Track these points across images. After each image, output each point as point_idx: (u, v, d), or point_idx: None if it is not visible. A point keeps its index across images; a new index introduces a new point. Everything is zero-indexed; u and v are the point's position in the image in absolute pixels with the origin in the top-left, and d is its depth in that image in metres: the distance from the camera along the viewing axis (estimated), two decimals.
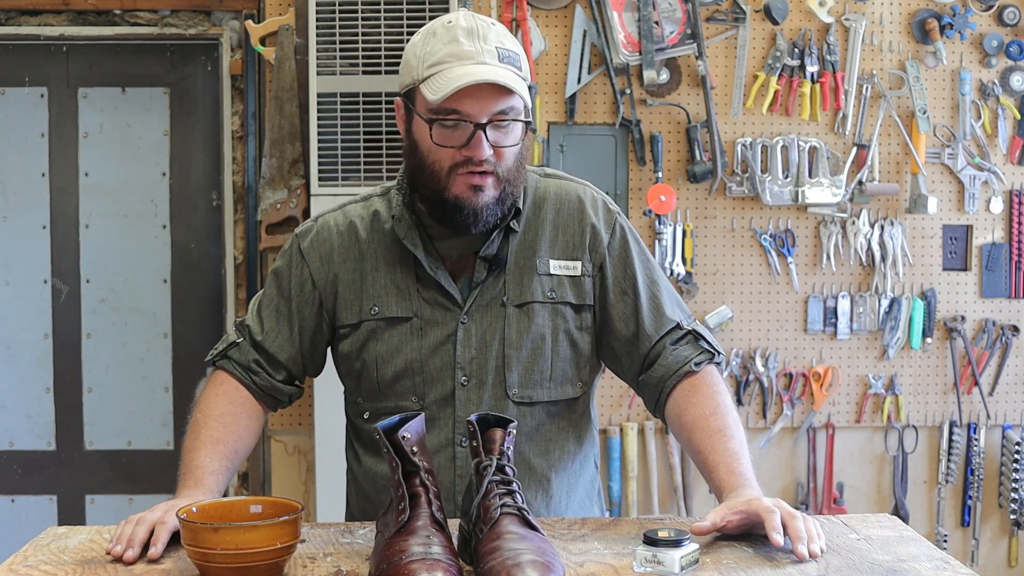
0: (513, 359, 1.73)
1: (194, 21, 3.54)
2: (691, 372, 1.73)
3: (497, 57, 1.63)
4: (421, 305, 1.74)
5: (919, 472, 3.64)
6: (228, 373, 1.79)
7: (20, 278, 3.69)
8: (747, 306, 3.55)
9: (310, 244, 1.81)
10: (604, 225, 1.79)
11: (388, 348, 1.75)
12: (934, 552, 1.48)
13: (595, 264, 1.78)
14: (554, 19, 3.46)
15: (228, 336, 1.82)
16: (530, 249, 1.76)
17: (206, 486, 1.62)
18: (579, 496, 1.84)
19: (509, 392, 1.74)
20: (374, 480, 1.80)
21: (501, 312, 1.73)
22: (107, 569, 1.43)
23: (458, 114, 1.63)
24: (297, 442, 3.54)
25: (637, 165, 3.49)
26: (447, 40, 1.65)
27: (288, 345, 1.80)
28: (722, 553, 1.46)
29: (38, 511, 3.71)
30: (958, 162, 3.55)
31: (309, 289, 1.80)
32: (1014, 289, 3.59)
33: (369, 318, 1.76)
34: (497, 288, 1.74)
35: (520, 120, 1.66)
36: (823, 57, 3.50)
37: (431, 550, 1.31)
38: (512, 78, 1.63)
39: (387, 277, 1.76)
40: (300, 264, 1.81)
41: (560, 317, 1.76)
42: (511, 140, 1.66)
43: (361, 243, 1.79)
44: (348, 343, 1.78)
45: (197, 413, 1.75)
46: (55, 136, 3.67)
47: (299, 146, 3.41)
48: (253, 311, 1.83)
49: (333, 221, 1.82)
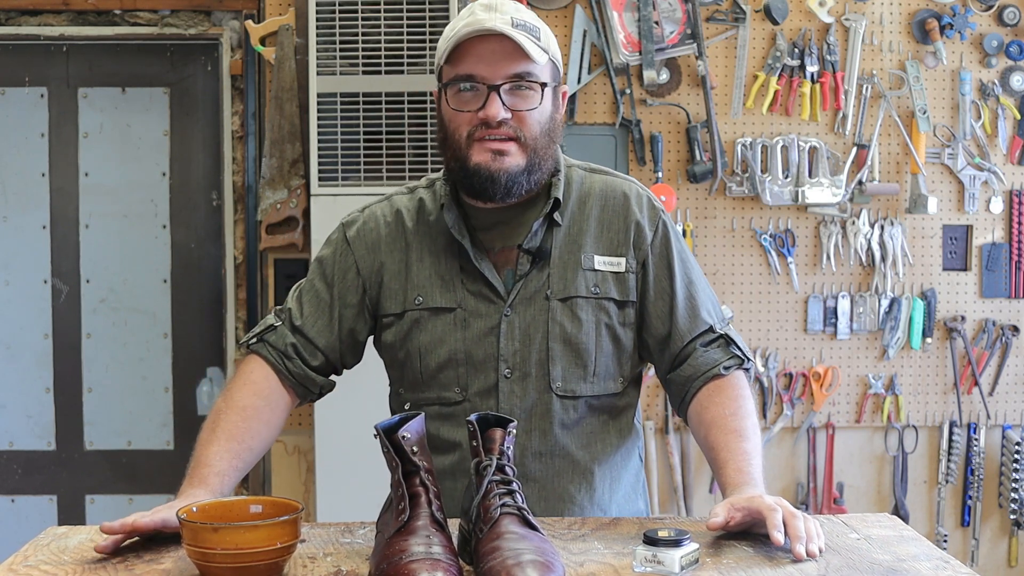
0: (557, 353, 1.74)
1: (194, 21, 3.54)
2: (719, 375, 1.74)
3: (510, 23, 1.66)
4: (465, 296, 1.75)
5: (919, 472, 3.64)
6: (262, 358, 1.78)
7: (20, 278, 3.69)
8: (747, 306, 3.55)
9: (356, 233, 1.82)
10: (648, 222, 1.79)
11: (432, 338, 1.75)
12: (934, 552, 1.48)
13: (639, 261, 1.78)
14: (554, 19, 3.46)
15: (267, 320, 1.82)
16: (575, 244, 1.76)
17: (210, 486, 1.62)
18: (623, 489, 1.84)
19: (552, 385, 1.74)
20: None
21: (545, 306, 1.74)
22: (107, 569, 1.43)
23: (472, 78, 1.66)
24: (297, 442, 3.54)
25: (637, 165, 3.49)
26: (466, 15, 1.69)
27: (327, 331, 1.80)
28: (722, 553, 1.46)
29: (38, 511, 3.71)
30: (958, 162, 3.55)
31: (353, 276, 1.80)
32: (1014, 289, 3.59)
33: (413, 308, 1.76)
34: (541, 281, 1.75)
35: (538, 82, 1.68)
36: (823, 57, 3.50)
37: (431, 550, 1.31)
38: (524, 39, 1.65)
39: (432, 267, 1.77)
40: (345, 252, 1.81)
41: (604, 312, 1.76)
42: (530, 104, 1.68)
43: (407, 233, 1.80)
44: (392, 332, 1.78)
45: (221, 401, 1.74)
46: (55, 136, 3.67)
47: (299, 146, 3.41)
48: (293, 296, 1.83)
49: (380, 211, 1.83)
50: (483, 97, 1.66)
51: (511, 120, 1.67)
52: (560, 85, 1.76)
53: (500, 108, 1.65)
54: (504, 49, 1.65)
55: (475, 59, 1.66)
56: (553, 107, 1.72)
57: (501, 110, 1.65)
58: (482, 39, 1.66)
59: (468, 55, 1.67)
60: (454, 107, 1.68)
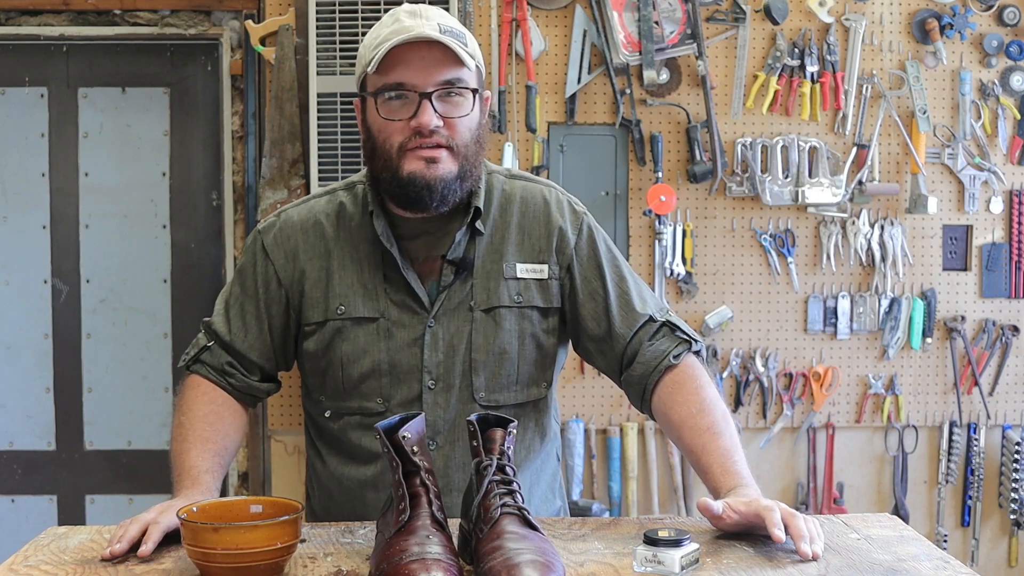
0: (480, 364, 1.73)
1: (194, 21, 3.54)
2: (671, 366, 1.72)
3: (438, 30, 1.63)
4: (388, 306, 1.73)
5: (919, 472, 3.64)
6: (203, 377, 1.78)
7: (20, 278, 3.69)
8: (747, 306, 3.55)
9: (274, 240, 1.79)
10: (571, 226, 1.78)
11: (355, 348, 1.73)
12: (934, 551, 1.48)
13: (562, 266, 1.77)
14: (554, 19, 3.46)
15: (198, 340, 1.80)
16: (497, 252, 1.75)
17: (203, 485, 1.62)
18: (542, 490, 1.85)
19: (476, 396, 1.73)
20: (340, 482, 1.79)
21: (468, 317, 1.73)
22: (107, 569, 1.43)
23: (402, 86, 1.63)
24: (297, 442, 3.54)
25: (637, 165, 3.49)
26: (390, 23, 1.66)
27: (258, 343, 1.78)
28: (722, 553, 1.46)
29: (38, 511, 3.71)
30: (958, 162, 3.55)
31: (275, 287, 1.78)
32: (1014, 289, 3.59)
33: (335, 317, 1.74)
34: (464, 292, 1.73)
35: (468, 88, 1.65)
36: (823, 57, 3.50)
37: (431, 550, 1.31)
38: (454, 45, 1.62)
39: (354, 275, 1.74)
40: (264, 262, 1.78)
41: (527, 321, 1.75)
42: (461, 111, 1.65)
43: (327, 240, 1.76)
44: (313, 341, 1.76)
45: (180, 416, 1.74)
46: (55, 136, 3.67)
47: (299, 146, 3.41)
48: (219, 311, 1.80)
49: (297, 216, 1.80)
50: (414, 105, 1.63)
51: (442, 128, 1.64)
52: (484, 90, 1.73)
53: (432, 116, 1.63)
54: (433, 56, 1.62)
55: (404, 67, 1.62)
56: (481, 113, 1.70)
57: (434, 118, 1.63)
58: (410, 46, 1.62)
59: (397, 63, 1.63)
60: (384, 116, 1.65)
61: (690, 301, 3.50)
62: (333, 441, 1.79)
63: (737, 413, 3.56)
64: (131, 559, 1.46)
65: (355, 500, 1.78)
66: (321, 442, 1.82)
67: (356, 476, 1.78)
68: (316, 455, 1.84)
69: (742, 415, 3.56)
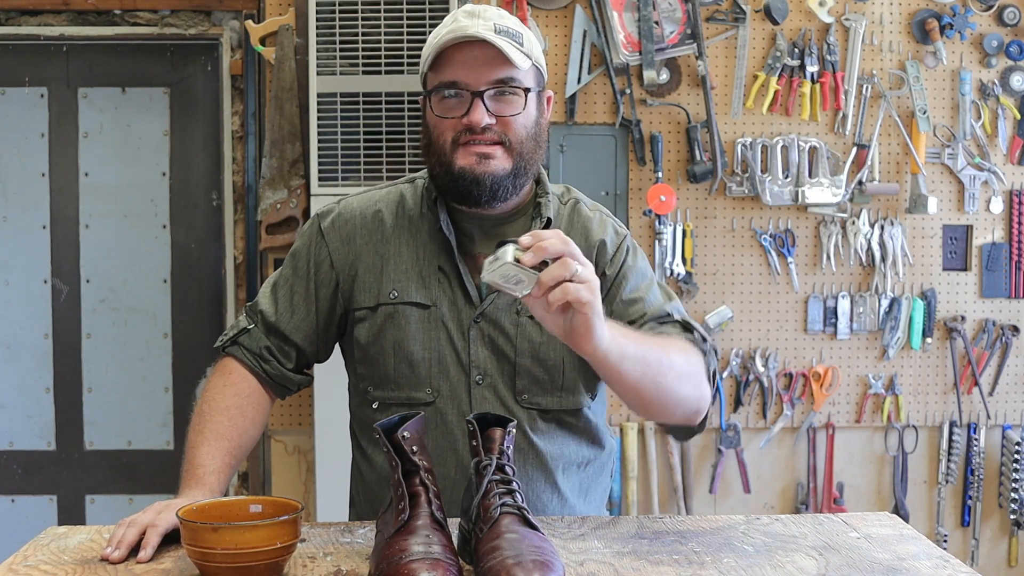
0: (523, 369, 1.74)
1: (194, 21, 3.54)
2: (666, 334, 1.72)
3: (493, 30, 1.66)
4: (440, 296, 1.74)
5: (919, 472, 3.64)
6: (237, 360, 1.79)
7: (20, 278, 3.69)
8: (747, 306, 3.55)
9: (331, 224, 1.81)
10: (611, 243, 1.80)
11: (407, 335, 1.74)
12: (934, 550, 1.48)
13: (599, 273, 1.77)
14: (554, 19, 3.46)
15: (238, 322, 1.82)
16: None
17: (207, 486, 1.62)
18: (594, 504, 1.84)
19: (518, 398, 1.74)
20: (388, 480, 1.79)
21: (515, 320, 1.74)
22: (107, 569, 1.43)
23: (456, 85, 1.67)
24: (297, 442, 3.54)
25: (637, 165, 3.49)
26: (449, 23, 1.70)
27: (304, 324, 1.79)
28: (722, 553, 1.46)
29: (38, 511, 3.71)
30: (958, 162, 3.55)
31: (327, 269, 1.79)
32: (1014, 289, 3.59)
33: (388, 301, 1.75)
34: (513, 296, 1.74)
35: (521, 88, 1.68)
36: (823, 57, 3.50)
37: (431, 549, 1.31)
38: (506, 45, 1.65)
39: (410, 263, 1.76)
40: (319, 243, 1.80)
41: None
42: (514, 109, 1.68)
43: (385, 228, 1.79)
44: (365, 327, 1.77)
45: (203, 403, 1.74)
46: (55, 136, 3.67)
47: (299, 146, 3.41)
48: (265, 293, 1.82)
49: (357, 204, 1.83)
50: (467, 103, 1.66)
51: (495, 125, 1.67)
52: (544, 90, 1.76)
53: (484, 114, 1.66)
54: (486, 55, 1.65)
55: (458, 66, 1.66)
56: (538, 112, 1.73)
57: (485, 116, 1.66)
58: (465, 45, 1.66)
59: (451, 62, 1.67)
60: (438, 114, 1.69)
61: (690, 301, 3.50)
62: None
63: (737, 413, 3.56)
64: (131, 558, 1.46)
65: None
66: (367, 442, 1.82)
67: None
68: (363, 457, 1.83)
69: (742, 415, 3.56)
